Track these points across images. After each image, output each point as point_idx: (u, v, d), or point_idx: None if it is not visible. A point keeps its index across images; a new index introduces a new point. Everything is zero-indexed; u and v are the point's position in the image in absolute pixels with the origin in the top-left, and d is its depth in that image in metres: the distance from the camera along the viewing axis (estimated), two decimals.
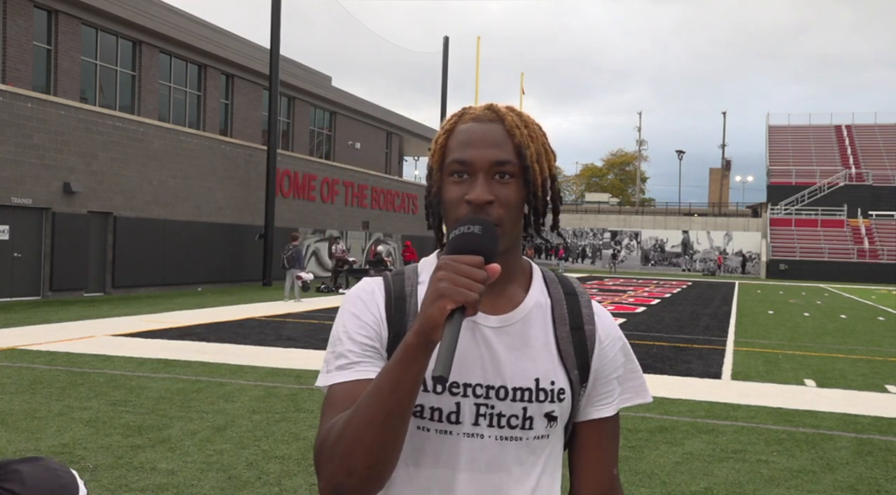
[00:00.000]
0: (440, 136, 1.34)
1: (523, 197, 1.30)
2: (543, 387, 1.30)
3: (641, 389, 1.43)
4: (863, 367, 11.10)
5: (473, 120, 1.31)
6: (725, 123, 77.53)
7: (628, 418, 7.24)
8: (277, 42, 24.89)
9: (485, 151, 1.26)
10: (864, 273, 48.46)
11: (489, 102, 1.35)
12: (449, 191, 1.28)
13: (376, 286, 1.36)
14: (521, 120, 1.32)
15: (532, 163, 1.29)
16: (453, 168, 1.28)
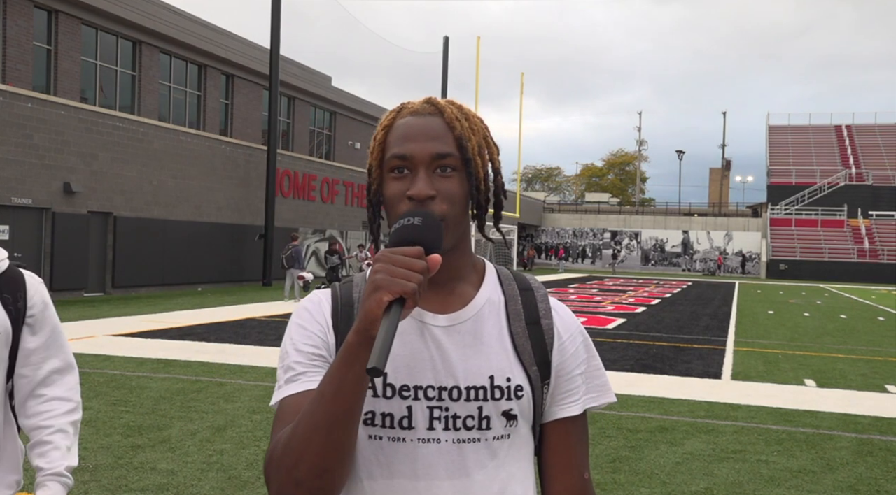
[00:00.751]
0: (378, 133, 1.29)
1: (467, 191, 1.26)
2: (499, 385, 1.25)
3: (606, 388, 1.36)
4: (863, 367, 11.10)
5: (412, 114, 1.27)
6: (725, 123, 77.56)
7: (628, 418, 7.24)
8: (277, 42, 24.89)
9: (424, 145, 1.22)
10: (864, 273, 48.47)
11: (428, 96, 1.31)
12: (390, 187, 1.24)
13: (323, 296, 1.32)
14: (461, 112, 1.28)
15: (474, 156, 1.26)
16: (393, 164, 1.24)
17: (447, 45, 36.07)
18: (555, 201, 75.07)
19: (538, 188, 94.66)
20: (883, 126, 65.63)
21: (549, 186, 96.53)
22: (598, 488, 5.14)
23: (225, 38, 31.51)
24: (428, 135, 1.24)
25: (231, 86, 32.89)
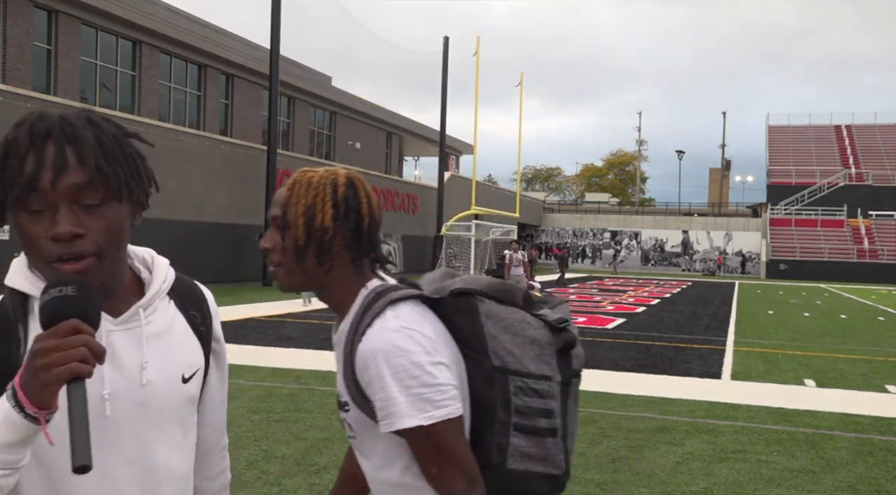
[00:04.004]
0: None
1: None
2: (339, 400, 1.51)
3: (392, 418, 1.41)
4: (863, 367, 11.10)
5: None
6: (725, 123, 77.58)
7: (628, 418, 7.24)
8: (277, 42, 24.90)
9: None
10: (864, 273, 48.47)
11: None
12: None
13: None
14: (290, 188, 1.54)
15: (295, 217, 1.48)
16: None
17: (447, 45, 36.06)
18: (555, 201, 75.10)
19: (538, 188, 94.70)
20: (883, 126, 65.64)
21: (549, 186, 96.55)
22: (598, 488, 5.15)
23: (225, 38, 31.52)
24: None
25: (231, 86, 32.90)
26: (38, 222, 1.16)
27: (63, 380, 1.02)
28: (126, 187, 1.21)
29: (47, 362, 1.01)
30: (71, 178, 1.14)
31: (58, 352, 1.01)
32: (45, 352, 1.02)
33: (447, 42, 36.13)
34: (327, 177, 1.49)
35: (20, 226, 1.17)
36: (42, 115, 1.18)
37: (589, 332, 14.43)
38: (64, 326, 1.04)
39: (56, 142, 1.15)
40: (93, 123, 1.19)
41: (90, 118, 1.20)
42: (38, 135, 1.15)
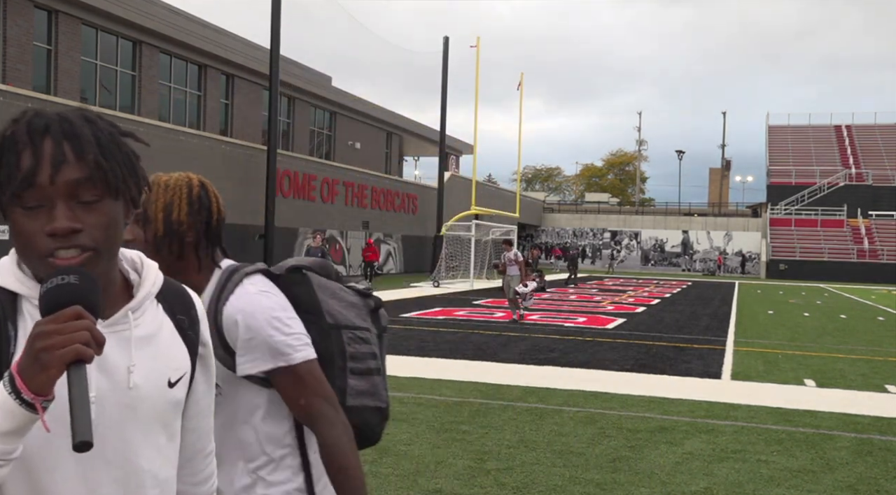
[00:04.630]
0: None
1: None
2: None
3: (260, 362, 1.73)
4: (863, 367, 11.10)
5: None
6: (725, 123, 77.58)
7: (628, 418, 7.25)
8: (277, 42, 24.89)
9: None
10: (864, 273, 48.47)
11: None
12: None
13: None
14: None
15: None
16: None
17: (447, 46, 36.06)
18: (555, 201, 75.10)
19: (538, 188, 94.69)
20: (883, 126, 65.63)
21: (549, 186, 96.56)
22: (598, 488, 5.15)
23: (225, 38, 31.52)
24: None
25: (231, 86, 32.90)
26: (35, 218, 1.14)
27: (65, 363, 1.02)
28: (123, 184, 1.20)
29: (49, 344, 1.01)
30: (69, 174, 1.14)
31: (60, 336, 1.02)
32: (46, 335, 1.02)
33: (447, 42, 36.14)
34: (182, 179, 1.81)
35: (15, 222, 1.15)
36: (38, 112, 1.18)
37: (589, 332, 14.44)
38: (66, 312, 1.04)
39: (54, 138, 1.14)
40: (89, 121, 1.19)
41: (86, 116, 1.19)
42: (35, 131, 1.14)
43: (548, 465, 5.61)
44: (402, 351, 11.22)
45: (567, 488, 5.12)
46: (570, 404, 7.82)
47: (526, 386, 8.72)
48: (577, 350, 11.92)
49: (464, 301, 21.48)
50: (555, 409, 7.54)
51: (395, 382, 8.58)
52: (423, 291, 25.30)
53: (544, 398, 8.07)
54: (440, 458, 5.68)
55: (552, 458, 5.80)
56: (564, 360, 10.79)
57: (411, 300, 21.29)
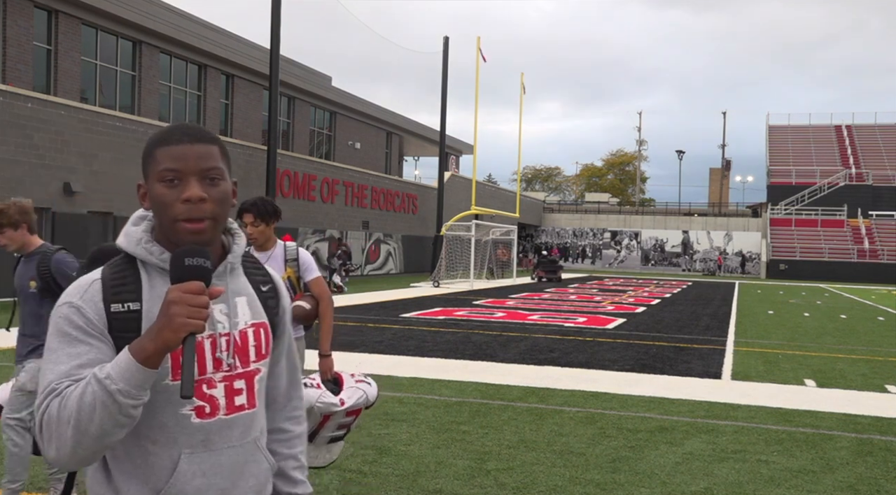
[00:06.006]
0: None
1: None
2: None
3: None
4: (863, 367, 11.10)
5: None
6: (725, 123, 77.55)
7: (628, 418, 7.24)
8: (277, 42, 24.89)
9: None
10: (864, 273, 48.46)
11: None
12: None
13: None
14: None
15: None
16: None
17: (447, 45, 36.05)
18: (555, 201, 75.08)
19: (538, 188, 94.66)
20: (883, 126, 65.63)
21: (549, 186, 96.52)
22: (598, 488, 5.15)
23: (225, 38, 31.51)
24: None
25: (231, 86, 32.90)
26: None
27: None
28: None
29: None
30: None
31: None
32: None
33: (447, 42, 36.13)
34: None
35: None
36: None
37: (589, 332, 14.43)
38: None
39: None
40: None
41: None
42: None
43: (548, 465, 5.61)
44: (402, 351, 11.21)
45: (567, 488, 5.11)
46: (570, 404, 7.82)
47: (526, 386, 8.71)
48: (577, 350, 11.91)
49: (464, 301, 21.48)
50: (555, 409, 7.54)
51: (395, 382, 8.58)
52: (423, 291, 25.30)
53: (544, 398, 8.06)
54: (440, 458, 5.68)
55: (552, 458, 5.79)
56: (564, 360, 10.79)
57: (411, 300, 21.29)
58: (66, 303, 1.52)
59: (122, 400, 1.37)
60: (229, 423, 1.60)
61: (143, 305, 1.54)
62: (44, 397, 1.42)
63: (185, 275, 1.41)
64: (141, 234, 1.59)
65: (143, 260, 1.58)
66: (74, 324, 1.49)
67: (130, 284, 1.55)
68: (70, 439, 1.38)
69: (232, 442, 1.60)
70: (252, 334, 1.65)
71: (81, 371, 1.44)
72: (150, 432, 1.53)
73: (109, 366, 1.39)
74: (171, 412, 1.54)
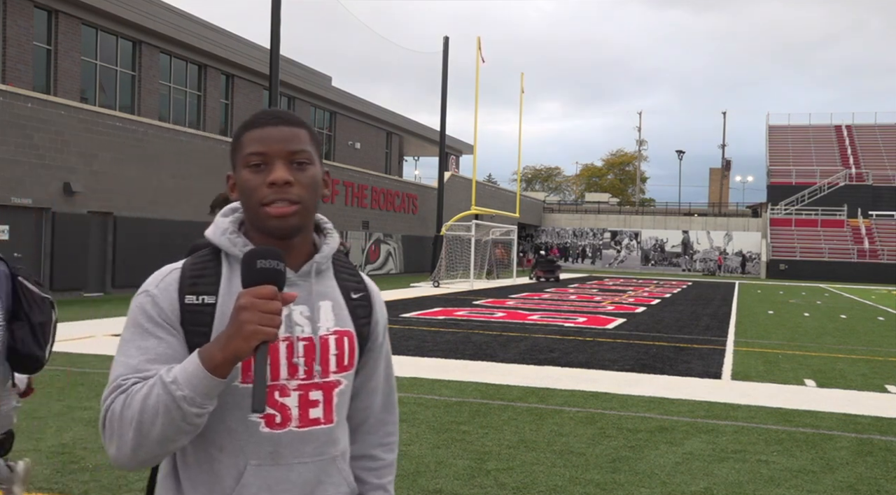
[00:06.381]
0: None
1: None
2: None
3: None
4: (863, 367, 11.10)
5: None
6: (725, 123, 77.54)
7: (628, 418, 7.24)
8: (277, 42, 24.88)
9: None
10: (864, 273, 48.45)
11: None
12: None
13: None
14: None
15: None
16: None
17: (447, 45, 36.04)
18: (555, 201, 75.07)
19: (538, 188, 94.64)
20: (883, 126, 65.61)
21: (549, 186, 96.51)
22: (598, 488, 5.15)
23: (225, 38, 31.51)
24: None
25: (231, 86, 32.90)
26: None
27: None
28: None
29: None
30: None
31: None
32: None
33: (447, 42, 36.13)
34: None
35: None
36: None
37: (589, 332, 14.43)
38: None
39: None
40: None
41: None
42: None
43: (548, 465, 5.61)
44: (402, 351, 11.21)
45: (567, 488, 5.11)
46: (570, 404, 7.82)
47: (526, 386, 8.71)
48: (577, 350, 11.91)
49: (464, 301, 21.48)
50: (555, 409, 7.54)
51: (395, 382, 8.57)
52: (423, 291, 25.30)
53: (544, 398, 8.06)
54: (440, 458, 5.68)
55: (552, 458, 5.79)
56: (564, 360, 10.79)
57: (411, 300, 21.29)
58: (143, 292, 1.47)
59: (187, 407, 1.31)
60: (302, 437, 1.49)
61: (219, 299, 1.46)
62: (110, 391, 1.38)
63: (257, 278, 1.33)
64: (228, 225, 1.53)
65: (226, 251, 1.50)
66: (147, 315, 1.43)
67: (209, 277, 1.48)
68: (131, 440, 1.33)
69: (304, 457, 1.49)
70: (334, 342, 1.53)
71: (150, 366, 1.39)
72: (217, 437, 1.45)
73: (177, 369, 1.33)
74: (240, 417, 1.45)
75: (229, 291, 1.46)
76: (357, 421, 1.69)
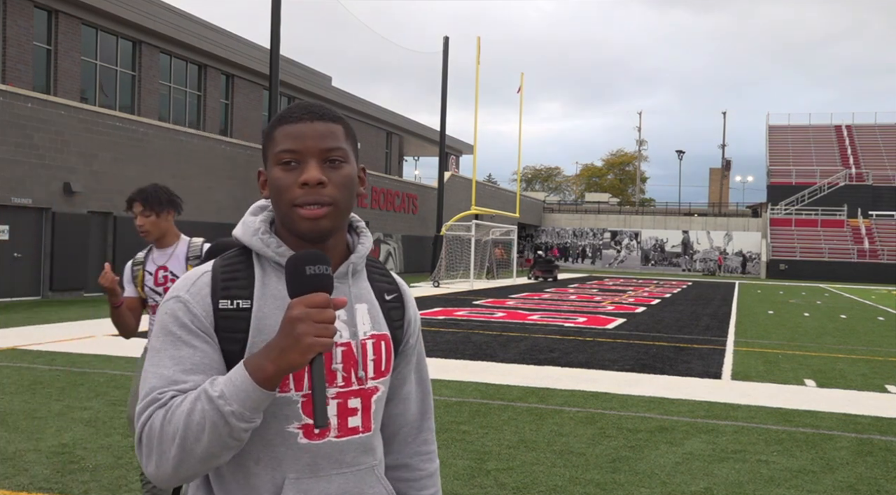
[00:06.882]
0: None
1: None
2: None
3: None
4: (863, 367, 11.10)
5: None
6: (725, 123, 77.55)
7: (628, 418, 7.24)
8: (277, 42, 24.88)
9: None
10: (864, 273, 48.45)
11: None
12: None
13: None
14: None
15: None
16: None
17: (447, 45, 36.05)
18: (555, 201, 75.08)
19: (538, 188, 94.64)
20: (883, 126, 65.62)
21: (549, 186, 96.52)
22: (598, 488, 5.15)
23: (225, 38, 31.51)
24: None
25: (231, 86, 32.89)
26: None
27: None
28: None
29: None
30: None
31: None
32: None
33: (447, 42, 36.13)
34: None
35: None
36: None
37: (589, 332, 14.43)
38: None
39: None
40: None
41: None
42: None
43: (548, 465, 5.61)
44: None
45: (567, 488, 5.11)
46: (570, 404, 7.82)
47: (526, 386, 8.71)
48: (577, 350, 11.91)
49: (464, 301, 21.48)
50: (555, 409, 7.54)
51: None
52: (423, 291, 25.30)
53: (544, 398, 8.06)
54: (440, 458, 5.68)
55: (552, 458, 5.79)
56: (564, 360, 10.79)
57: None
58: (173, 298, 1.39)
59: (235, 423, 1.24)
60: (340, 447, 1.42)
61: (254, 303, 1.39)
62: (146, 404, 1.30)
63: (307, 285, 1.25)
64: (259, 224, 1.47)
65: (258, 252, 1.44)
66: (180, 322, 1.36)
67: (242, 279, 1.41)
68: (173, 458, 1.25)
69: (343, 468, 1.42)
70: (371, 347, 1.47)
71: (186, 377, 1.32)
72: (252, 449, 1.38)
73: (222, 382, 1.26)
74: (277, 428, 1.38)
75: (264, 294, 1.40)
76: (391, 430, 1.61)
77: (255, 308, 1.38)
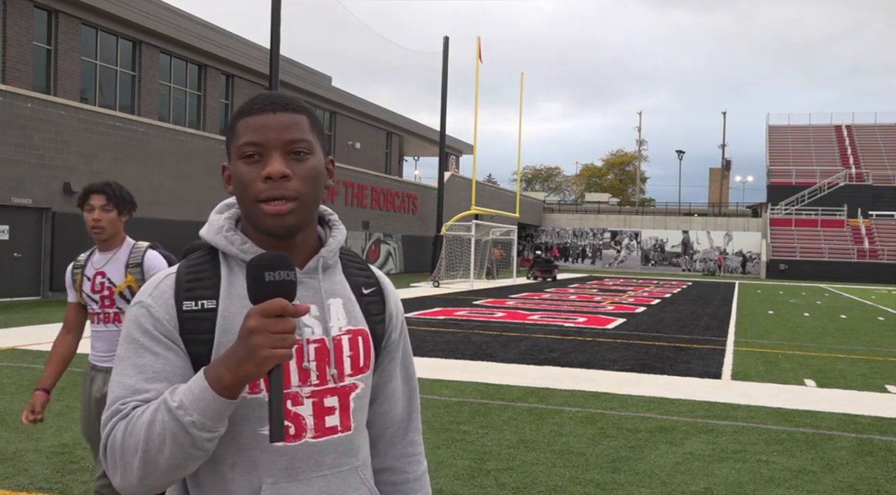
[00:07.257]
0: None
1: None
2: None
3: None
4: (863, 367, 11.10)
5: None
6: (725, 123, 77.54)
7: (628, 418, 7.24)
8: (277, 42, 24.88)
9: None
10: (864, 273, 48.45)
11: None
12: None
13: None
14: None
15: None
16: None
17: (447, 45, 36.05)
18: (555, 201, 75.08)
19: (538, 188, 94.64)
20: (883, 126, 65.62)
21: (549, 186, 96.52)
22: (598, 488, 5.15)
23: (225, 38, 31.52)
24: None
25: (231, 86, 32.90)
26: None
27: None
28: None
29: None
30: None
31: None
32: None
33: (447, 42, 36.12)
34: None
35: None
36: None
37: (589, 332, 14.43)
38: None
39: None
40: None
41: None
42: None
43: (548, 465, 5.61)
44: None
45: (567, 488, 5.11)
46: (570, 404, 7.82)
47: (526, 386, 8.71)
48: (577, 350, 11.91)
49: (464, 301, 21.48)
50: (555, 409, 7.54)
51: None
52: (423, 291, 25.30)
53: (544, 398, 8.06)
54: (440, 458, 5.68)
55: (552, 458, 5.79)
56: (564, 360, 10.79)
57: (411, 300, 21.29)
58: (137, 303, 1.35)
59: (196, 433, 1.20)
60: (319, 448, 1.37)
61: (220, 303, 1.35)
62: (109, 416, 1.27)
63: (266, 293, 1.20)
64: (223, 222, 1.41)
65: (223, 250, 1.39)
66: (142, 328, 1.32)
67: (207, 279, 1.37)
68: (137, 470, 1.23)
69: (323, 470, 1.38)
70: (347, 343, 1.42)
71: (148, 386, 1.28)
72: (227, 454, 1.34)
73: (182, 392, 1.22)
74: (250, 431, 1.33)
75: (230, 294, 1.36)
76: (377, 430, 1.56)
77: (222, 307, 1.35)
